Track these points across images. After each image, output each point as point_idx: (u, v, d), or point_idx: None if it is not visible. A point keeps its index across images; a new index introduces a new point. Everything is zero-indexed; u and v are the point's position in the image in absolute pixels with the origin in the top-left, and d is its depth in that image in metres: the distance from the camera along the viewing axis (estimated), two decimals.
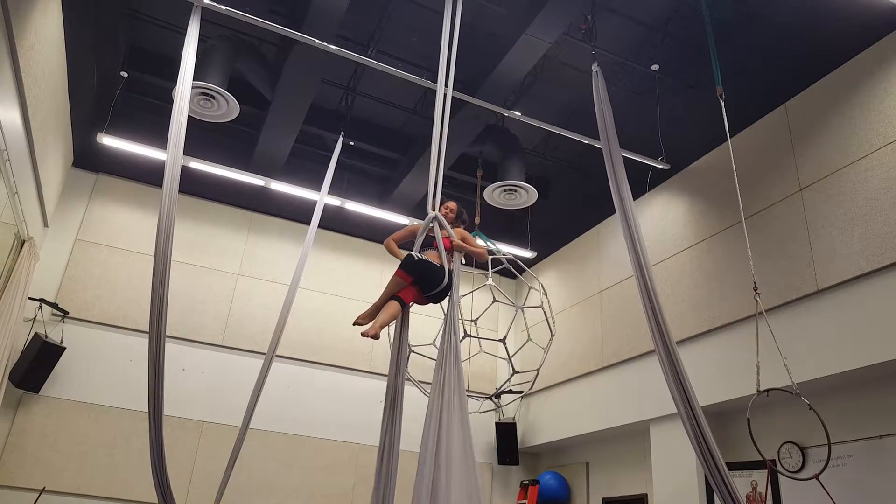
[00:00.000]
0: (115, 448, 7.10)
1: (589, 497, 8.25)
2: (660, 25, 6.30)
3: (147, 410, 4.04)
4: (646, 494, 7.25)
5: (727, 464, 3.72)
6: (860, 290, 5.11)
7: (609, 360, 7.76)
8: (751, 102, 6.28)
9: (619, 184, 4.48)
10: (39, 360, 6.79)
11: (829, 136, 5.64)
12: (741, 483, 5.92)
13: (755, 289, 4.79)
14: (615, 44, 6.41)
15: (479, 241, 7.39)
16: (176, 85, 4.64)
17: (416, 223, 4.12)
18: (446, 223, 3.92)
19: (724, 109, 5.18)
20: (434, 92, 6.61)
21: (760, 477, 5.85)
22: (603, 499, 8.01)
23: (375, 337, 3.52)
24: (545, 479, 8.44)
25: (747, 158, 6.22)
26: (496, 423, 8.95)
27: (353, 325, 3.73)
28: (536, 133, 7.75)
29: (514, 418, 9.05)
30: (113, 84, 7.04)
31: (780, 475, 5.55)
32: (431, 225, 3.90)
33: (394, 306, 3.66)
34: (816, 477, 4.45)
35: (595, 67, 5.03)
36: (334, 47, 5.84)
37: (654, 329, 4.02)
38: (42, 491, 6.54)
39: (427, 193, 3.98)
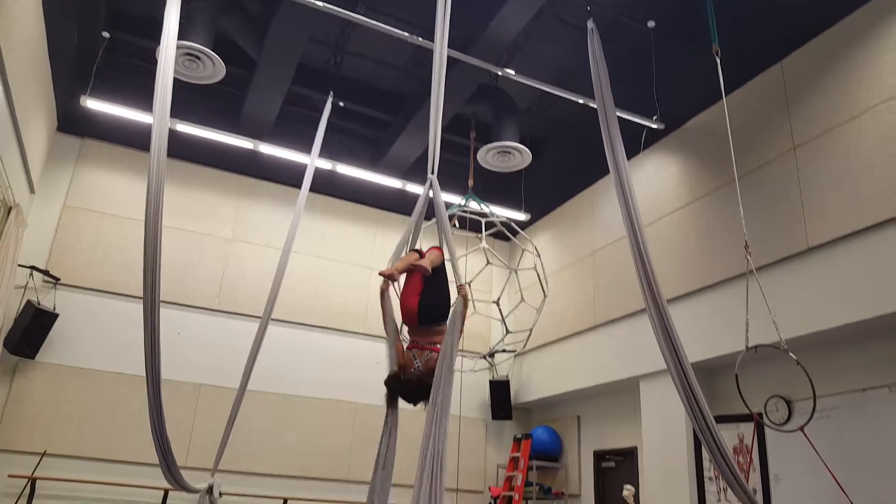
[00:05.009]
0: (114, 411, 7.18)
1: (580, 450, 8.49)
2: None
3: (144, 374, 4.08)
4: (636, 447, 7.46)
5: (715, 417, 3.81)
6: (848, 248, 5.17)
7: (601, 319, 7.86)
8: (746, 60, 6.20)
9: (613, 144, 4.42)
10: (33, 327, 6.80)
11: (825, 93, 5.59)
12: (728, 435, 6.09)
13: (746, 247, 4.83)
14: (610, 0, 6.27)
15: (473, 204, 7.35)
16: (159, 45, 4.50)
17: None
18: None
19: (719, 67, 5.12)
20: (426, 49, 6.49)
21: (747, 429, 6.02)
22: (594, 451, 8.24)
23: (392, 278, 3.62)
24: (538, 433, 8.66)
25: (742, 117, 6.18)
26: (490, 381, 9.12)
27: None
28: (530, 93, 7.63)
29: (507, 376, 9.22)
30: (94, 45, 6.83)
31: (766, 427, 5.72)
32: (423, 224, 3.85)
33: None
34: (801, 429, 4.58)
35: (590, 24, 4.91)
36: (322, 3, 5.68)
37: (644, 287, 4.03)
38: (43, 454, 6.64)
39: (421, 155, 3.91)
